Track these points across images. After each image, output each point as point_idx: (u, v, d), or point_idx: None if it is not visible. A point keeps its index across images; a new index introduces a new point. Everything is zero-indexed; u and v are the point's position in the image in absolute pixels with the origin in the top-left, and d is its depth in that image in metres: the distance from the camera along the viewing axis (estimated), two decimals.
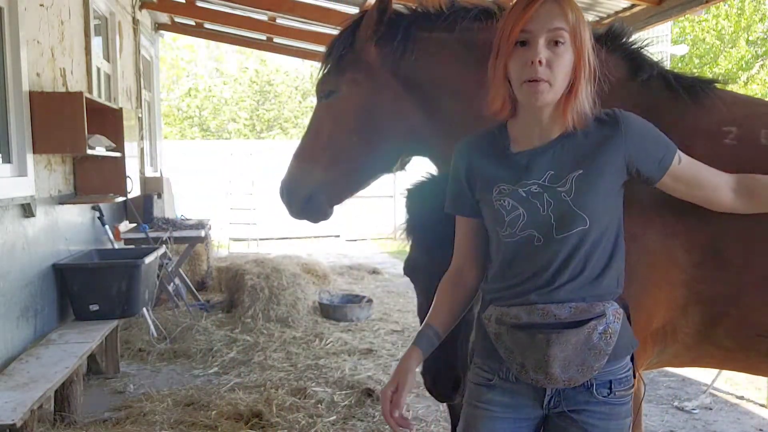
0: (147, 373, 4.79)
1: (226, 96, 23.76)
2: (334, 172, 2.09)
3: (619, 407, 1.51)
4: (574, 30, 1.43)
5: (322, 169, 2.08)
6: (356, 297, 6.81)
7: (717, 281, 1.67)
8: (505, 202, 1.50)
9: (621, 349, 1.48)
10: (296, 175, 2.14)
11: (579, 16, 1.45)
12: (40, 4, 4.31)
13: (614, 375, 1.50)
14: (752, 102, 1.98)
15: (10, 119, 3.92)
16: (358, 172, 2.14)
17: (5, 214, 3.68)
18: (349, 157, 2.08)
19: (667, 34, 16.76)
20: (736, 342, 1.75)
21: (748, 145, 1.70)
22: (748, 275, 1.66)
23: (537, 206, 1.46)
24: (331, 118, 2.10)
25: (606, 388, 1.49)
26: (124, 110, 5.38)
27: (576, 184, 1.45)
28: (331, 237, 13.35)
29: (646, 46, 1.87)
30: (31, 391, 3.17)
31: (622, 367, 1.51)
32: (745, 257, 1.66)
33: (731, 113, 1.77)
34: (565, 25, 1.42)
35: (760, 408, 4.15)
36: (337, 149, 2.07)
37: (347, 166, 2.09)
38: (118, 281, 4.55)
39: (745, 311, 1.69)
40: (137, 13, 7.51)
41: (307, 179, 2.11)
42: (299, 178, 2.14)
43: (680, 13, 4.89)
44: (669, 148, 1.52)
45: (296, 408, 4.01)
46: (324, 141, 2.09)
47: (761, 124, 1.74)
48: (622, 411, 1.52)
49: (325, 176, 2.09)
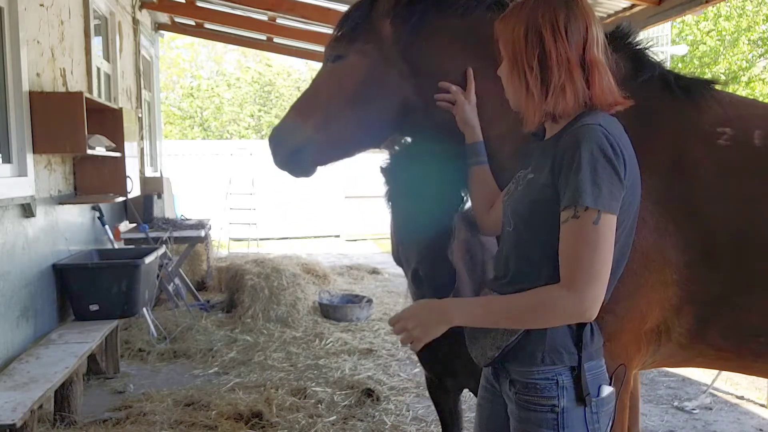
0: (147, 373, 4.79)
1: (227, 97, 23.76)
2: (324, 133, 2.08)
3: (527, 412, 1.50)
4: (505, 40, 1.55)
5: (313, 127, 2.07)
6: (356, 297, 6.81)
7: (710, 281, 1.68)
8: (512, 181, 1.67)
9: (525, 353, 1.49)
10: (288, 126, 2.14)
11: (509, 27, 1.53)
12: (40, 4, 4.31)
13: (520, 376, 1.51)
14: (748, 103, 1.98)
15: (10, 119, 3.92)
16: (347, 140, 2.13)
17: (5, 214, 3.68)
18: (342, 124, 2.08)
19: (667, 34, 16.76)
20: (729, 342, 1.76)
21: (742, 146, 1.71)
22: (741, 276, 1.67)
23: (509, 195, 1.62)
24: (333, 82, 2.10)
25: (513, 386, 1.54)
26: (124, 110, 5.38)
27: (520, 189, 1.56)
28: (331, 237, 13.36)
29: (650, 47, 1.87)
30: (31, 391, 3.17)
31: (530, 373, 1.49)
32: (737, 258, 1.66)
33: (726, 114, 1.78)
34: (500, 41, 1.57)
35: (760, 408, 4.15)
36: (331, 113, 2.07)
37: (338, 131, 2.09)
38: (118, 281, 4.55)
39: (738, 312, 1.70)
40: (137, 13, 7.51)
41: (298, 134, 2.10)
42: (290, 130, 2.13)
43: (680, 13, 4.89)
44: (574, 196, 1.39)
45: (296, 408, 4.01)
46: (321, 102, 2.09)
47: (755, 125, 1.75)
48: (533, 418, 1.49)
49: (314, 135, 2.08)
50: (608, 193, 1.38)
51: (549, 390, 1.48)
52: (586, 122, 1.45)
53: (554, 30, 1.47)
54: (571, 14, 1.49)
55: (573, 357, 1.48)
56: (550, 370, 1.48)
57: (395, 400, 4.22)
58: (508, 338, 1.50)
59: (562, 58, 1.47)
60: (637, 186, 1.49)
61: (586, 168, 1.38)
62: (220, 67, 25.09)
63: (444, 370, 2.51)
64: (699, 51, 17.03)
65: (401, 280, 8.54)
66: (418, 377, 4.64)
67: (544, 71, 1.48)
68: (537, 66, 1.48)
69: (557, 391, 1.47)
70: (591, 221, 1.37)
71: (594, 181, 1.37)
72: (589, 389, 1.47)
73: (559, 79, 1.47)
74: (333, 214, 13.28)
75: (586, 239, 1.38)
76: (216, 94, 23.65)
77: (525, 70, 1.50)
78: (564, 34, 1.47)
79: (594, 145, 1.40)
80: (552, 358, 1.48)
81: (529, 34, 1.49)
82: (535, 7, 1.50)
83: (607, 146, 1.40)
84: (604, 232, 1.39)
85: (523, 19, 1.51)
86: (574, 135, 1.43)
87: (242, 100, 23.94)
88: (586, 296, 1.39)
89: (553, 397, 1.48)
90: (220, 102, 23.61)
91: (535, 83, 1.49)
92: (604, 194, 1.37)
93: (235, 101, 23.84)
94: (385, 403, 4.18)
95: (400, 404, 4.17)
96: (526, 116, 1.54)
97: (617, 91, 1.51)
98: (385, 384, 4.50)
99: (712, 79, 1.86)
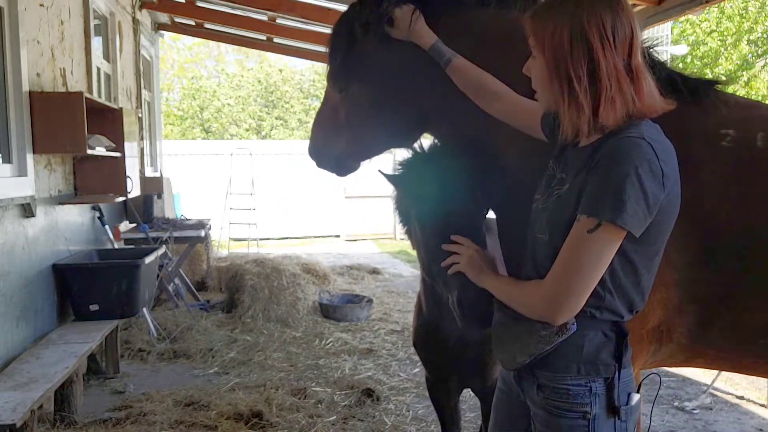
0: (147, 373, 4.79)
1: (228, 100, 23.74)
2: (356, 145, 2.20)
3: (557, 419, 1.47)
4: (543, 41, 1.42)
5: (344, 142, 2.19)
6: (356, 297, 6.81)
7: (711, 282, 1.68)
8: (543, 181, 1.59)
9: (558, 362, 1.46)
10: (321, 144, 2.27)
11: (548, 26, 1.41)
12: (40, 4, 4.31)
13: (550, 381, 1.48)
14: (751, 105, 1.98)
15: (10, 119, 3.92)
16: (379, 146, 2.24)
17: (5, 214, 3.68)
18: (369, 138, 2.18)
19: (668, 34, 16.76)
20: (730, 343, 1.76)
21: (745, 148, 1.71)
22: (743, 277, 1.67)
23: (544, 201, 1.53)
24: (346, 109, 2.16)
25: (542, 391, 1.49)
26: (124, 110, 5.38)
27: (555, 198, 1.48)
28: (331, 237, 13.36)
29: (655, 46, 1.86)
30: (31, 391, 3.17)
31: (562, 379, 1.47)
32: (739, 259, 1.66)
33: (730, 116, 1.78)
34: (533, 40, 1.45)
35: (760, 408, 4.15)
36: (355, 131, 2.16)
37: (368, 142, 2.20)
38: (118, 281, 4.55)
39: (740, 313, 1.70)
40: (137, 13, 7.51)
41: (333, 148, 2.23)
42: (324, 147, 2.26)
43: (680, 13, 4.89)
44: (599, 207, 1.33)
45: (296, 408, 4.01)
46: (342, 122, 2.18)
47: (758, 126, 1.75)
48: (563, 426, 1.47)
49: (347, 148, 2.20)
50: (632, 213, 1.32)
51: (582, 397, 1.45)
52: (631, 134, 1.36)
53: (602, 36, 1.36)
54: (617, 18, 1.38)
55: (609, 368, 1.46)
56: (584, 378, 1.46)
57: (395, 400, 4.22)
58: (542, 347, 1.45)
59: (611, 68, 1.37)
60: (677, 198, 1.43)
61: (620, 184, 1.31)
62: (220, 66, 25.08)
63: (450, 370, 2.51)
64: (700, 51, 17.02)
65: (401, 280, 8.55)
66: (418, 377, 4.64)
67: (593, 82, 1.37)
68: (586, 77, 1.37)
69: (590, 398, 1.45)
70: (603, 235, 1.34)
71: (620, 197, 1.31)
72: (620, 398, 1.46)
73: (609, 91, 1.36)
74: (333, 214, 13.28)
75: (587, 252, 1.36)
76: (216, 97, 23.63)
77: (572, 80, 1.38)
78: (612, 40, 1.37)
79: (636, 164, 1.32)
80: (588, 370, 1.45)
81: (574, 40, 1.37)
82: (578, 9, 1.38)
83: (647, 169, 1.32)
84: (607, 248, 1.36)
85: (566, 22, 1.38)
86: (617, 146, 1.35)
87: (244, 101, 23.94)
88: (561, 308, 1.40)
89: (585, 404, 1.45)
90: (222, 104, 23.59)
91: (585, 95, 1.37)
92: (628, 211, 1.31)
93: (237, 102, 23.82)
94: (385, 403, 4.18)
95: (400, 404, 4.17)
96: (570, 126, 1.42)
97: (659, 96, 1.44)
98: (385, 384, 4.50)
99: (715, 80, 1.86)
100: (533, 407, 1.55)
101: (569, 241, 1.38)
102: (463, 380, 2.56)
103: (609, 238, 1.34)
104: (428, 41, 1.94)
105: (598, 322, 1.45)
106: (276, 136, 23.21)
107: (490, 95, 1.85)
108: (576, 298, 1.38)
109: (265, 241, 11.89)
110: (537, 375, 1.50)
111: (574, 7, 1.38)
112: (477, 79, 1.88)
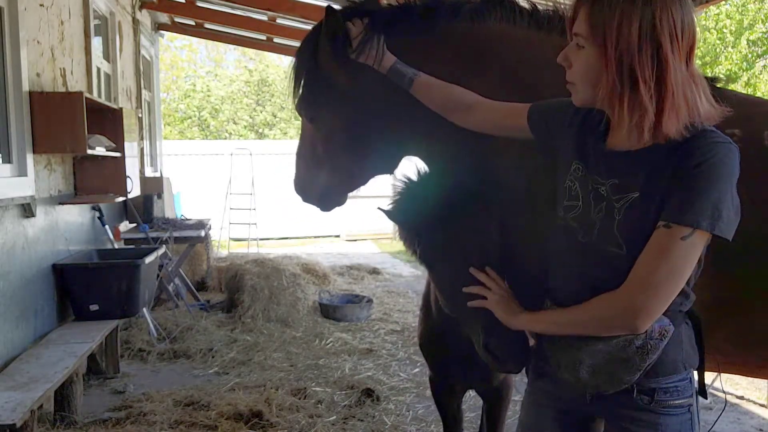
0: (147, 373, 4.79)
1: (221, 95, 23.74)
2: (337, 178, 2.13)
3: (666, 417, 1.42)
4: (604, 30, 1.29)
5: (326, 176, 2.13)
6: (356, 297, 6.81)
7: (717, 286, 1.65)
8: (573, 185, 1.46)
9: (667, 365, 1.42)
10: (304, 178, 2.20)
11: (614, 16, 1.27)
12: (40, 4, 4.31)
13: (659, 384, 1.42)
14: (755, 102, 1.94)
15: (10, 119, 3.92)
16: (361, 176, 2.16)
17: (5, 214, 3.68)
18: (348, 168, 2.10)
19: None
20: (735, 347, 1.74)
21: (752, 147, 1.66)
22: (748, 281, 1.65)
23: (591, 209, 1.41)
24: (320, 139, 2.10)
25: (647, 395, 1.43)
26: (124, 110, 5.38)
27: (627, 207, 1.36)
28: (331, 237, 13.35)
29: None
30: (31, 391, 3.17)
31: (669, 380, 1.43)
32: (745, 263, 1.64)
33: (735, 114, 1.75)
34: (586, 27, 1.32)
35: (760, 408, 4.16)
36: (334, 163, 2.10)
37: (349, 173, 2.13)
38: (118, 281, 4.55)
39: (745, 317, 1.68)
40: (137, 13, 7.51)
41: (316, 183, 2.16)
42: (308, 181, 2.19)
43: None
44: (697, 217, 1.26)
45: (296, 408, 4.01)
46: (320, 154, 2.12)
47: (765, 125, 1.71)
48: (673, 423, 1.43)
49: (330, 180, 2.13)
50: (727, 220, 1.29)
51: (687, 390, 1.45)
52: (719, 138, 1.30)
53: (672, 36, 1.25)
54: (686, 17, 1.27)
55: (695, 357, 1.48)
56: (685, 372, 1.45)
57: (395, 400, 4.22)
58: (651, 357, 1.37)
59: (678, 72, 1.27)
60: None
61: (720, 194, 1.27)
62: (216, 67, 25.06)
63: (457, 372, 2.49)
64: (700, 51, 17.02)
65: (401, 280, 8.55)
66: (418, 377, 4.64)
67: (659, 86, 1.27)
68: (652, 80, 1.26)
69: (691, 389, 1.46)
70: (695, 240, 1.29)
71: (718, 206, 1.27)
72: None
73: (675, 98, 1.27)
74: (333, 214, 13.19)
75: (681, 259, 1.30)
76: (210, 94, 23.62)
77: (637, 80, 1.27)
78: (680, 41, 1.26)
79: (732, 172, 1.29)
80: (690, 363, 1.46)
81: (643, 36, 1.25)
82: (649, 3, 1.25)
83: (737, 174, 1.30)
84: (697, 252, 1.32)
85: (636, 14, 1.25)
86: (713, 152, 1.28)
87: (236, 97, 23.91)
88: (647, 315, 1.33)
89: (689, 396, 1.45)
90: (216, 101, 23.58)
91: (650, 99, 1.27)
92: (724, 220, 1.28)
93: (229, 99, 23.79)
94: (385, 403, 4.18)
95: (400, 404, 4.17)
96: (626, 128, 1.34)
97: (714, 102, 1.35)
98: (385, 384, 4.50)
99: (714, 77, 1.82)
100: (632, 412, 1.44)
101: (657, 247, 1.30)
102: (469, 382, 2.54)
103: (700, 243, 1.31)
104: (386, 64, 1.84)
105: (683, 314, 1.45)
106: (274, 137, 23.21)
107: (461, 108, 1.75)
108: (664, 304, 1.33)
109: (265, 241, 11.89)
110: (638, 382, 1.42)
111: (644, 1, 1.26)
112: (444, 94, 1.78)
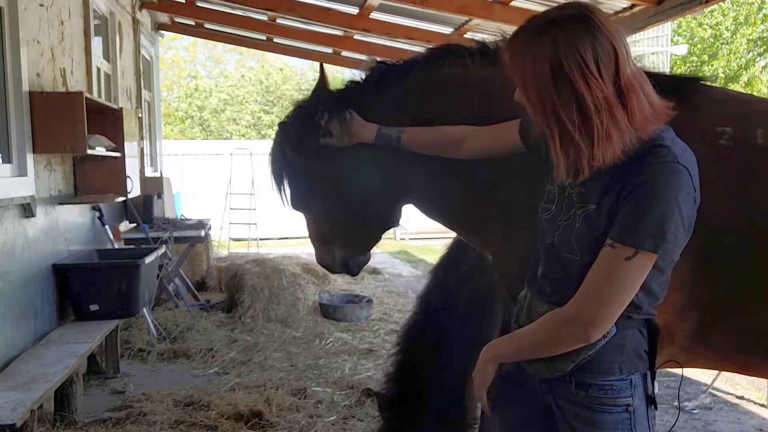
0: (147, 373, 4.79)
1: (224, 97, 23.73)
2: (350, 248, 2.26)
3: (602, 415, 1.47)
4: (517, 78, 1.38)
5: (339, 249, 2.25)
6: (356, 297, 6.81)
7: (714, 285, 1.65)
8: (553, 189, 1.52)
9: (602, 364, 1.46)
10: (322, 254, 2.32)
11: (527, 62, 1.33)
12: (40, 4, 4.31)
13: (594, 380, 1.47)
14: (746, 99, 1.92)
15: (10, 119, 3.92)
16: (373, 237, 2.29)
17: (5, 214, 3.68)
18: (357, 237, 2.24)
19: (667, 34, 16.76)
20: (733, 346, 1.74)
21: (744, 146, 1.66)
22: (746, 279, 1.64)
23: (561, 214, 1.47)
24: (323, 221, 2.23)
25: (583, 390, 1.48)
26: (124, 110, 5.38)
27: (584, 217, 1.41)
28: None
29: None
30: (31, 391, 3.16)
31: (605, 378, 1.47)
32: (741, 261, 1.63)
33: (724, 112, 1.72)
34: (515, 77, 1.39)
35: (760, 408, 4.16)
36: (344, 237, 2.22)
37: (360, 240, 2.26)
38: (118, 281, 4.55)
39: (743, 315, 1.67)
40: (137, 13, 7.51)
41: (333, 255, 2.28)
42: (326, 256, 2.31)
43: (680, 13, 4.88)
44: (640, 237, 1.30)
45: (296, 408, 4.01)
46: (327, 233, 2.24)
47: (757, 123, 1.69)
48: (608, 420, 1.47)
49: (344, 250, 2.26)
50: (672, 241, 1.32)
51: (624, 390, 1.47)
52: (667, 159, 1.31)
53: (583, 72, 1.28)
54: (598, 44, 1.29)
55: (645, 363, 1.49)
56: (624, 373, 1.48)
57: None
58: (587, 353, 1.43)
59: (599, 101, 1.29)
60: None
61: (662, 216, 1.30)
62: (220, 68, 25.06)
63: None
64: (697, 48, 17.02)
65: (401, 280, 8.55)
66: None
67: (584, 120, 1.30)
68: (577, 116, 1.30)
69: (631, 390, 1.47)
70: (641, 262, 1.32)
71: (661, 228, 1.30)
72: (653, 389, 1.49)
73: (602, 126, 1.30)
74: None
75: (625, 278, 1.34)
76: (212, 95, 23.61)
77: (563, 121, 1.31)
78: (596, 72, 1.28)
79: (676, 195, 1.30)
80: (629, 368, 1.46)
81: (556, 78, 1.30)
82: (554, 44, 1.29)
83: (684, 195, 1.31)
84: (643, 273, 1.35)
85: (546, 57, 1.30)
86: (655, 174, 1.30)
87: (243, 99, 23.91)
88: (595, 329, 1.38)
89: (628, 397, 1.47)
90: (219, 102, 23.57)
91: (580, 134, 1.31)
92: (669, 240, 1.31)
93: (234, 100, 23.80)
94: None
95: None
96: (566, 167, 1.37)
97: (659, 104, 1.36)
98: None
99: (699, 76, 1.80)
100: (571, 406, 1.51)
101: (603, 265, 1.35)
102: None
103: (647, 264, 1.34)
104: (371, 134, 1.93)
105: (634, 321, 1.46)
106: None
107: (454, 143, 1.84)
108: (614, 315, 1.37)
109: (265, 241, 11.89)
110: (576, 375, 1.48)
111: (551, 42, 1.30)
112: (434, 135, 1.87)
